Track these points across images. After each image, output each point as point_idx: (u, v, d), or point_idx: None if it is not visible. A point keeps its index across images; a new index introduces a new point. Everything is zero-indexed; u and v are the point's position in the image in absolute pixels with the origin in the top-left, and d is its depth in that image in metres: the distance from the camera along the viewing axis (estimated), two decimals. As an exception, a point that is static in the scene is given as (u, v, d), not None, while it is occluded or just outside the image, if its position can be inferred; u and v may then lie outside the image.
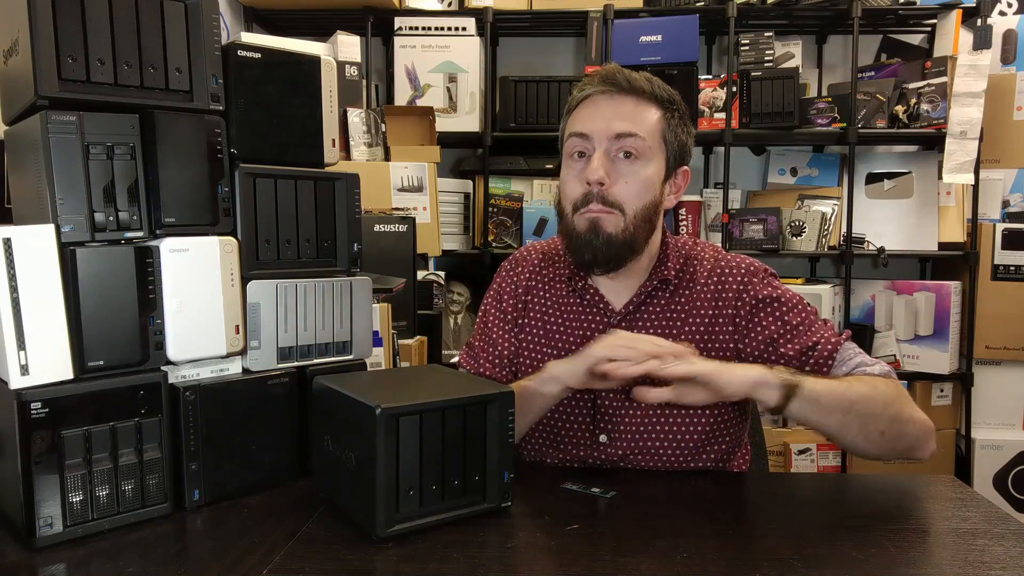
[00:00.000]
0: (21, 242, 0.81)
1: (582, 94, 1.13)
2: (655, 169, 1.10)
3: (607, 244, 1.08)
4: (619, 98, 1.10)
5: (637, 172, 1.09)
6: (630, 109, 1.09)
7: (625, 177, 1.08)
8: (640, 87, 1.10)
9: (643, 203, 1.09)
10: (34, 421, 0.82)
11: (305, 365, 1.05)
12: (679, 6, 2.61)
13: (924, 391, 2.60)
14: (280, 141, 1.03)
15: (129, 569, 0.78)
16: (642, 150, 1.08)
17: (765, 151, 2.91)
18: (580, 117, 1.12)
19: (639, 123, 1.09)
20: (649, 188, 1.10)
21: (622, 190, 1.08)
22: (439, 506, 0.87)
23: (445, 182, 2.65)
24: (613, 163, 1.08)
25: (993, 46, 2.57)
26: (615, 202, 1.08)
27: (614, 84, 1.10)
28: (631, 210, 1.08)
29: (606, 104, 1.10)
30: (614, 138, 1.08)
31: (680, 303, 1.15)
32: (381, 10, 2.58)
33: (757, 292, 1.13)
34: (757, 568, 0.78)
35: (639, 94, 1.10)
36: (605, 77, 1.11)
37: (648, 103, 1.10)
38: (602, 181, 1.07)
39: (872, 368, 1.06)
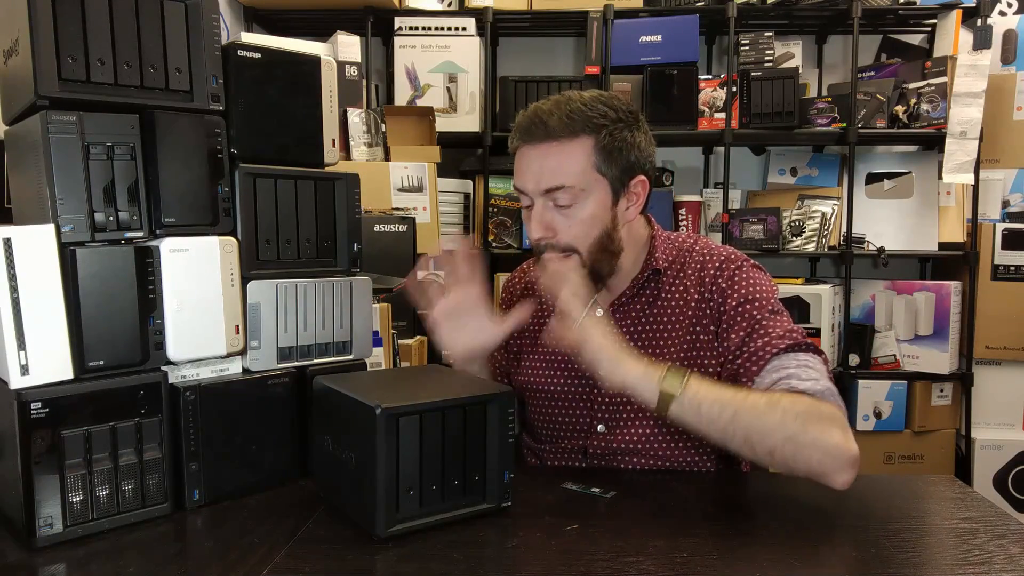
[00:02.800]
0: (21, 242, 0.81)
1: (512, 146, 1.15)
2: (596, 203, 1.10)
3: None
4: (541, 148, 1.09)
5: (576, 215, 1.09)
6: (553, 160, 1.08)
7: (567, 223, 1.10)
8: (558, 132, 1.07)
9: (593, 238, 1.10)
10: (34, 421, 0.82)
11: (305, 365, 1.05)
12: (679, 6, 2.61)
13: (924, 391, 2.60)
14: (280, 141, 1.03)
15: (129, 569, 0.78)
16: (573, 196, 1.08)
17: (765, 151, 2.91)
18: (516, 169, 1.14)
19: (564, 172, 1.08)
20: (595, 223, 1.10)
21: (567, 235, 1.10)
22: (439, 506, 0.87)
23: (445, 182, 2.65)
24: (552, 213, 1.10)
25: (993, 46, 2.57)
26: (566, 246, 1.10)
27: (531, 135, 1.10)
28: (583, 248, 1.10)
29: (530, 157, 1.11)
30: (544, 193, 1.09)
31: (670, 292, 1.17)
32: (381, 10, 2.58)
33: (728, 276, 1.14)
34: (757, 568, 0.78)
35: (560, 137, 1.08)
36: (524, 128, 1.11)
37: (571, 142, 1.08)
38: (543, 237, 1.10)
39: (800, 383, 1.00)
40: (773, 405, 0.96)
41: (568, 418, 1.19)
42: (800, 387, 1.00)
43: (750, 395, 0.98)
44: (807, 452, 0.93)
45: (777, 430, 0.94)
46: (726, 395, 0.97)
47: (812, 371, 1.03)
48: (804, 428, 0.94)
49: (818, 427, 0.94)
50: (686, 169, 2.93)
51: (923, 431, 2.62)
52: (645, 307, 1.17)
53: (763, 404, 0.96)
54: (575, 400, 1.18)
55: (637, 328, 1.17)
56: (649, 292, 1.18)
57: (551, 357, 1.21)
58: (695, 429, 0.98)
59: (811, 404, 0.96)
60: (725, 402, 0.96)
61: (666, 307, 1.17)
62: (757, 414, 0.95)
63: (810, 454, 0.93)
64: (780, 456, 0.95)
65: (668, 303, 1.17)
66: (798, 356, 1.05)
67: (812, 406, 0.96)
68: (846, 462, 0.93)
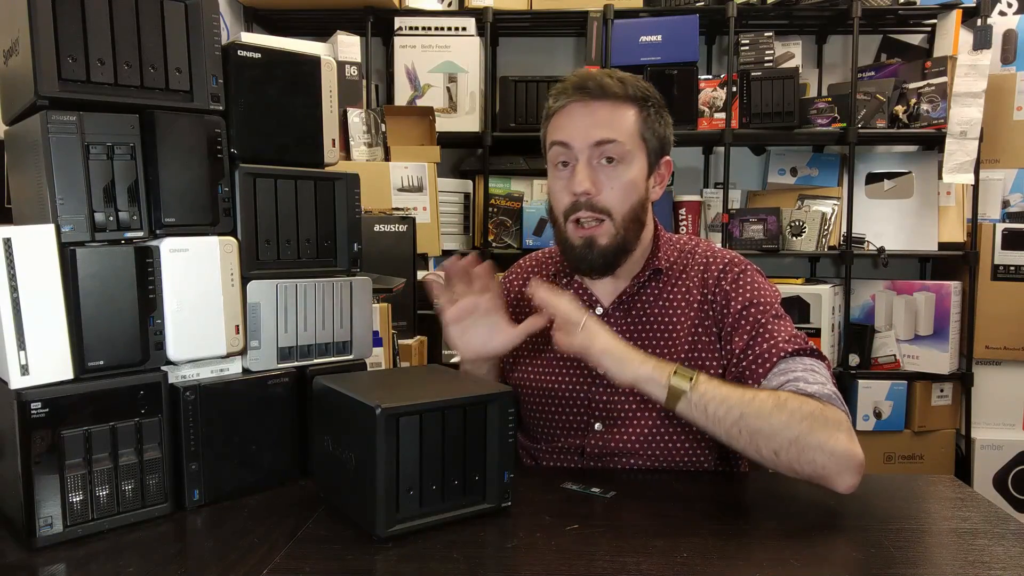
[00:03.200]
0: (21, 242, 0.81)
1: (557, 104, 1.14)
2: (638, 169, 1.12)
3: (602, 256, 1.12)
4: (593, 105, 1.11)
5: (621, 176, 1.11)
6: (606, 114, 1.10)
7: (610, 183, 1.11)
8: (613, 91, 1.10)
9: (630, 204, 1.12)
10: (34, 421, 0.82)
11: (305, 365, 1.05)
12: (679, 6, 2.61)
13: (924, 391, 2.60)
14: (280, 141, 1.03)
15: (129, 569, 0.78)
16: (623, 154, 1.10)
17: (765, 151, 2.91)
18: (559, 126, 1.13)
19: (616, 128, 1.10)
20: (634, 189, 1.12)
21: (608, 196, 1.10)
22: (439, 506, 0.87)
23: (445, 182, 2.65)
24: (596, 170, 1.11)
25: (993, 46, 2.57)
26: (603, 208, 1.11)
27: (586, 92, 1.11)
28: (619, 214, 1.11)
29: (581, 112, 1.11)
30: (594, 145, 1.10)
31: (673, 293, 1.17)
32: (381, 10, 2.58)
33: (732, 280, 1.15)
34: (757, 568, 0.78)
35: (613, 98, 1.11)
36: (577, 85, 1.11)
37: (623, 104, 1.11)
38: (588, 191, 1.10)
39: (808, 387, 1.01)
40: (780, 406, 0.96)
41: (565, 417, 1.19)
42: (808, 390, 1.00)
43: (757, 395, 0.98)
44: (812, 454, 0.94)
45: (783, 431, 0.94)
46: (734, 395, 0.97)
47: (818, 375, 1.04)
48: (810, 431, 0.94)
49: (824, 431, 0.94)
50: (686, 169, 2.93)
51: (923, 431, 2.62)
52: (646, 306, 1.17)
53: (770, 405, 0.96)
54: (572, 399, 1.18)
55: (638, 327, 1.17)
56: (650, 291, 1.18)
57: (547, 356, 1.21)
58: (702, 427, 0.99)
59: (818, 407, 0.96)
60: (732, 403, 0.96)
61: (668, 307, 1.17)
62: (764, 415, 0.95)
63: (814, 456, 0.94)
64: (785, 457, 0.95)
65: (670, 303, 1.17)
66: (803, 360, 1.06)
67: (819, 409, 0.96)
68: (851, 466, 0.94)
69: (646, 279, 1.18)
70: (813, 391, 1.00)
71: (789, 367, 1.05)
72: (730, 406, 0.96)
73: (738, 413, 0.96)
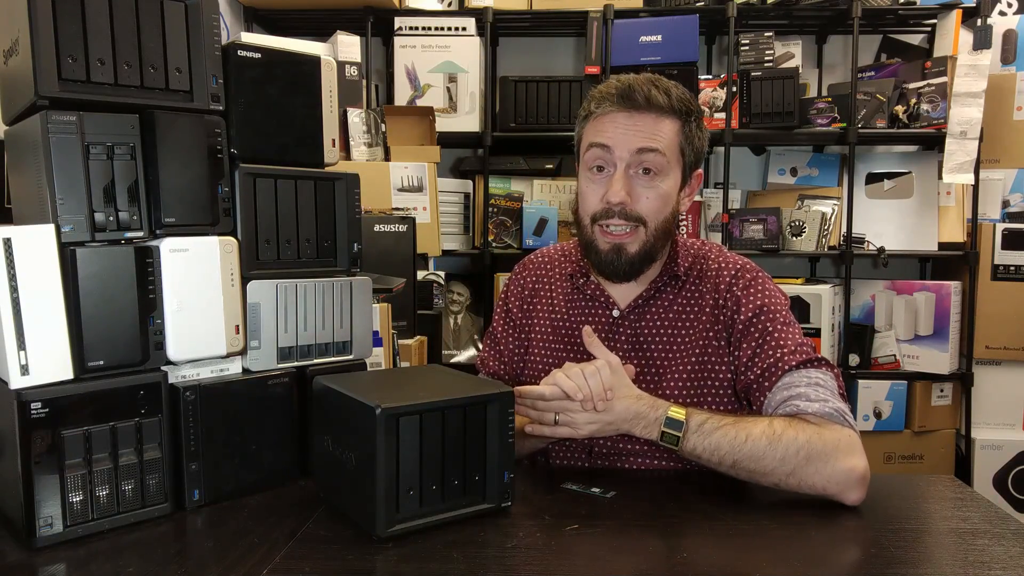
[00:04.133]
0: (21, 242, 0.81)
1: (599, 110, 1.12)
2: (673, 182, 1.12)
3: (630, 263, 1.12)
4: (638, 115, 1.10)
5: (657, 188, 1.11)
6: (650, 124, 1.10)
7: (646, 193, 1.10)
8: (658, 103, 1.09)
9: (663, 217, 1.12)
10: (34, 421, 0.82)
11: (305, 365, 1.05)
12: (679, 6, 2.61)
13: (924, 391, 2.60)
14: (280, 141, 1.03)
15: (129, 569, 0.78)
16: (661, 166, 1.10)
17: (765, 151, 2.91)
18: (599, 128, 1.12)
19: (659, 139, 1.09)
20: (668, 202, 1.12)
21: (643, 206, 1.10)
22: (439, 506, 0.87)
23: (445, 182, 2.65)
24: (632, 181, 1.10)
25: (993, 46, 2.57)
26: (637, 216, 1.10)
27: (631, 103, 1.09)
28: (652, 224, 1.11)
29: (623, 122, 1.10)
30: (635, 152, 1.09)
31: (687, 298, 1.18)
32: (381, 10, 2.58)
33: (743, 287, 1.15)
34: (757, 568, 0.78)
35: (658, 110, 1.10)
36: (623, 94, 1.10)
37: (666, 116, 1.10)
38: (624, 202, 1.09)
39: (810, 405, 1.02)
40: (774, 443, 0.97)
41: None
42: (809, 409, 1.01)
43: (750, 435, 0.99)
44: (811, 481, 0.97)
45: (779, 468, 0.97)
46: (724, 442, 0.99)
47: (822, 390, 1.04)
48: (806, 462, 0.96)
49: (819, 459, 0.96)
50: (686, 169, 2.93)
51: (923, 431, 2.62)
52: (660, 311, 1.18)
53: (763, 445, 0.97)
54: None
55: (650, 332, 1.17)
56: (665, 297, 1.18)
57: (560, 354, 1.21)
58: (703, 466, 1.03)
59: (814, 433, 0.98)
60: (724, 451, 0.99)
61: (681, 313, 1.17)
62: (757, 457, 0.98)
63: (814, 482, 0.97)
64: (785, 486, 0.99)
65: (684, 309, 1.17)
66: (809, 373, 1.06)
67: (815, 436, 0.97)
68: (852, 483, 0.96)
69: (663, 284, 1.18)
70: (814, 410, 1.01)
71: (792, 381, 1.06)
72: (722, 455, 0.99)
73: (731, 460, 0.99)
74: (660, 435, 1.01)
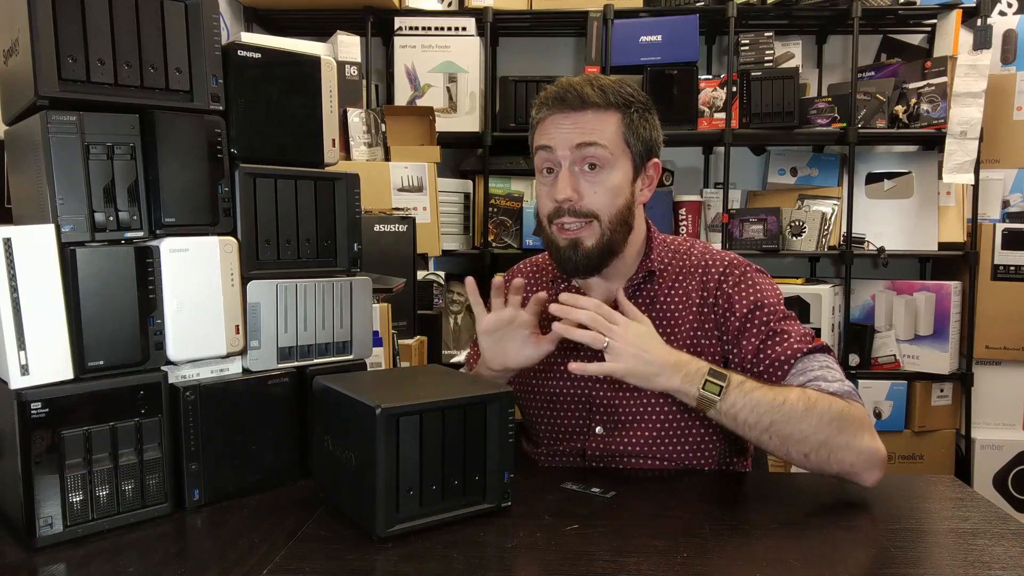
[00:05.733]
0: (21, 242, 0.81)
1: (539, 115, 1.15)
2: (622, 174, 1.12)
3: (586, 257, 1.13)
4: (575, 114, 1.11)
5: (604, 181, 1.11)
6: (588, 121, 1.11)
7: (593, 188, 1.11)
8: (593, 100, 1.10)
9: (616, 208, 1.12)
10: (34, 421, 0.82)
11: (305, 365, 1.05)
12: (679, 6, 2.61)
13: (924, 391, 2.60)
14: (280, 141, 1.03)
15: (129, 569, 0.78)
16: (605, 159, 1.11)
17: (765, 151, 2.91)
18: (543, 131, 1.14)
19: (597, 133, 1.11)
20: (619, 193, 1.12)
21: (592, 201, 1.11)
22: (439, 506, 0.87)
23: (445, 182, 2.65)
24: (578, 178, 1.11)
25: (993, 46, 2.57)
26: (588, 212, 1.11)
27: (566, 103, 1.11)
28: (605, 217, 1.12)
29: (564, 119, 1.12)
30: (575, 148, 1.10)
31: (669, 295, 1.17)
32: (381, 10, 2.58)
33: (734, 283, 1.15)
34: (757, 568, 0.78)
35: (594, 107, 1.11)
36: (558, 96, 1.12)
37: (604, 112, 1.11)
38: (570, 199, 1.11)
39: (830, 385, 1.04)
40: (810, 409, 0.99)
41: (566, 420, 1.18)
42: (830, 388, 1.03)
43: (788, 398, 1.00)
44: (840, 455, 0.98)
45: (813, 435, 0.98)
46: (764, 401, 0.99)
47: (835, 371, 1.07)
48: (838, 432, 0.98)
49: (850, 431, 0.99)
50: (686, 169, 2.93)
51: (923, 431, 2.62)
52: (641, 308, 1.16)
53: (800, 409, 0.98)
54: (573, 402, 1.18)
55: None
56: (645, 294, 1.18)
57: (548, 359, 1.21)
58: (731, 430, 1.02)
59: (844, 407, 1.00)
60: (763, 410, 0.99)
61: (665, 311, 1.17)
62: (794, 420, 0.98)
63: (843, 456, 0.98)
64: (815, 459, 0.99)
65: (667, 306, 1.17)
66: (818, 358, 1.08)
67: (845, 409, 0.99)
68: (876, 463, 0.99)
69: (640, 281, 1.18)
70: (835, 389, 1.03)
71: (807, 367, 1.07)
72: (760, 414, 0.99)
73: (768, 420, 0.99)
74: (703, 384, 1.00)
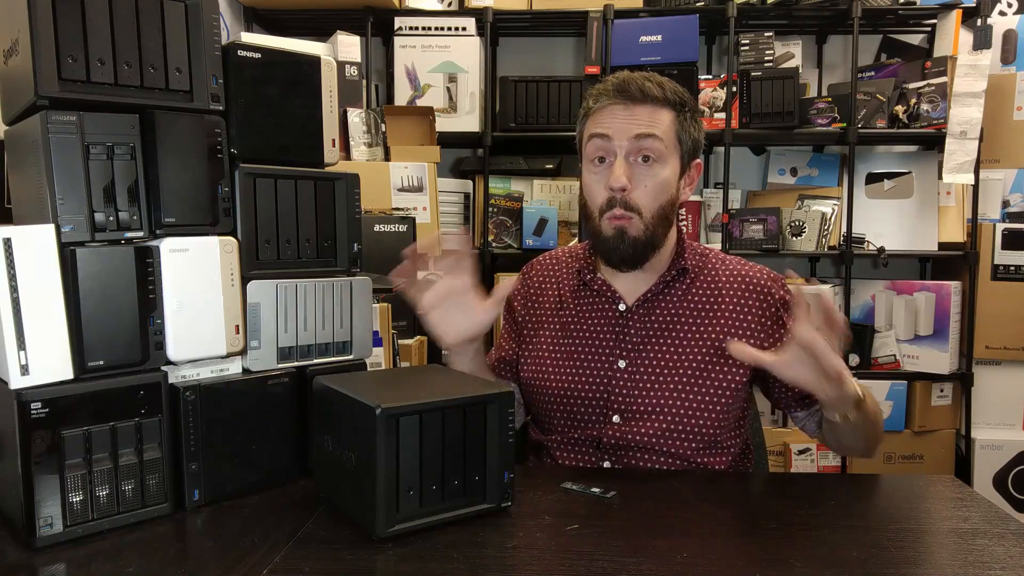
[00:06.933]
0: (21, 242, 0.81)
1: (597, 104, 1.16)
2: (671, 169, 1.15)
3: (632, 247, 1.14)
4: (635, 107, 1.13)
5: (656, 175, 1.14)
6: (646, 114, 1.13)
7: (644, 181, 1.13)
8: (653, 95, 1.14)
9: (660, 204, 1.15)
10: (34, 421, 0.82)
11: (305, 365, 1.05)
12: (679, 6, 2.61)
13: (924, 391, 2.60)
14: (280, 141, 1.03)
15: (129, 569, 0.78)
16: (660, 152, 1.13)
17: (765, 151, 2.91)
18: (599, 120, 1.16)
19: (655, 126, 1.13)
20: (666, 189, 1.15)
21: (641, 194, 1.14)
22: (439, 506, 0.87)
23: (445, 182, 2.65)
24: (632, 168, 1.13)
25: (993, 46, 2.57)
26: (635, 206, 1.13)
27: (627, 95, 1.13)
28: (648, 213, 1.14)
29: (622, 110, 1.14)
30: (634, 139, 1.12)
31: (702, 293, 1.20)
32: (381, 10, 2.58)
33: (783, 295, 1.20)
34: (757, 568, 0.78)
35: (652, 101, 1.14)
36: (619, 88, 1.14)
37: (661, 107, 1.14)
38: (624, 187, 1.12)
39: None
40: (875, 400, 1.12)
41: (583, 411, 1.20)
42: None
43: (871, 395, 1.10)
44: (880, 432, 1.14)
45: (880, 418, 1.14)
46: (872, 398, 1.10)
47: None
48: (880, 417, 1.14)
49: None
50: (686, 169, 2.93)
51: (923, 431, 2.62)
52: (669, 307, 1.20)
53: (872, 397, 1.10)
54: (590, 393, 1.19)
55: (660, 327, 1.19)
56: (674, 292, 1.20)
57: (569, 349, 1.22)
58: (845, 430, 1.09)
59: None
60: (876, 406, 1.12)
61: (695, 308, 1.19)
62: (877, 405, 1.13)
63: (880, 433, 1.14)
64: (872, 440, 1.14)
65: (698, 305, 1.19)
66: None
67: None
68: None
69: (672, 278, 1.20)
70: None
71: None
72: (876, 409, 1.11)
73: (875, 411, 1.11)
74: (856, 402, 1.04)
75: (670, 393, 1.15)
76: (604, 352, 1.19)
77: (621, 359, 1.18)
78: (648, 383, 1.16)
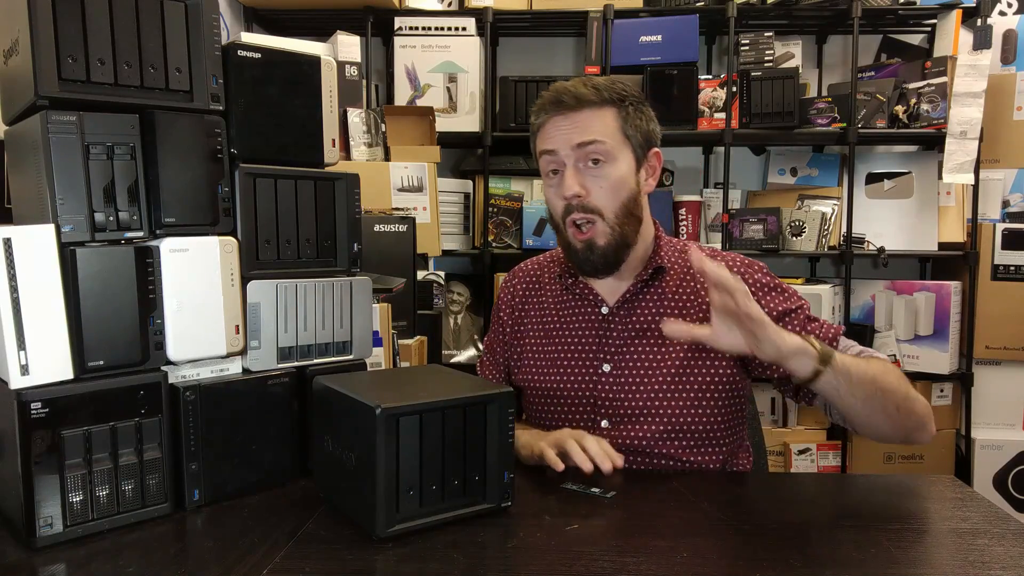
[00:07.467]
0: (21, 242, 0.81)
1: (539, 120, 1.18)
2: (625, 165, 1.15)
3: (603, 256, 1.15)
4: (572, 115, 1.14)
5: (608, 175, 1.14)
6: (585, 120, 1.14)
7: (598, 183, 1.14)
8: (589, 99, 1.14)
9: (621, 200, 1.15)
10: (34, 421, 0.82)
11: (305, 365, 1.05)
12: (679, 6, 2.61)
13: (924, 391, 2.60)
14: (280, 141, 1.03)
15: (129, 569, 0.78)
16: (607, 152, 1.13)
17: (765, 151, 2.91)
18: (544, 136, 1.17)
19: (597, 129, 1.14)
20: (623, 186, 1.15)
21: (599, 195, 1.14)
22: (439, 506, 0.87)
23: (445, 182, 2.65)
24: (583, 173, 1.14)
25: (993, 46, 2.57)
26: (595, 208, 1.14)
27: (563, 106, 1.15)
28: (610, 212, 1.14)
29: (563, 121, 1.15)
30: (577, 147, 1.13)
31: (680, 290, 1.20)
32: (381, 10, 2.58)
33: (759, 279, 1.19)
34: (757, 568, 0.78)
35: (590, 105, 1.14)
36: (554, 100, 1.16)
37: (600, 108, 1.14)
38: (578, 194, 1.13)
39: (875, 353, 1.11)
40: (886, 364, 1.05)
41: (571, 415, 1.20)
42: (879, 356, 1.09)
43: (869, 359, 1.04)
44: (915, 407, 1.04)
45: (897, 387, 1.03)
46: (858, 359, 1.02)
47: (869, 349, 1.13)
48: (908, 385, 1.05)
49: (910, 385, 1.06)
50: (686, 169, 2.93)
51: (923, 431, 2.62)
52: (650, 305, 1.19)
53: (881, 365, 1.03)
54: (579, 398, 1.19)
55: (642, 326, 1.18)
56: (654, 291, 1.20)
57: (553, 355, 1.22)
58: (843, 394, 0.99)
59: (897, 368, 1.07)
60: (862, 365, 1.00)
61: (672, 306, 1.19)
62: (884, 373, 1.02)
63: (917, 408, 1.04)
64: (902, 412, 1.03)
65: (676, 302, 1.19)
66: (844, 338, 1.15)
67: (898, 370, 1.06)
68: (931, 414, 1.07)
69: (648, 277, 1.19)
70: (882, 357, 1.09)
71: (845, 345, 1.13)
72: (864, 368, 1.00)
73: (872, 374, 1.00)
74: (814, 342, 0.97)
75: (656, 395, 1.15)
76: (588, 356, 1.20)
77: (606, 363, 1.18)
78: (633, 386, 1.16)
